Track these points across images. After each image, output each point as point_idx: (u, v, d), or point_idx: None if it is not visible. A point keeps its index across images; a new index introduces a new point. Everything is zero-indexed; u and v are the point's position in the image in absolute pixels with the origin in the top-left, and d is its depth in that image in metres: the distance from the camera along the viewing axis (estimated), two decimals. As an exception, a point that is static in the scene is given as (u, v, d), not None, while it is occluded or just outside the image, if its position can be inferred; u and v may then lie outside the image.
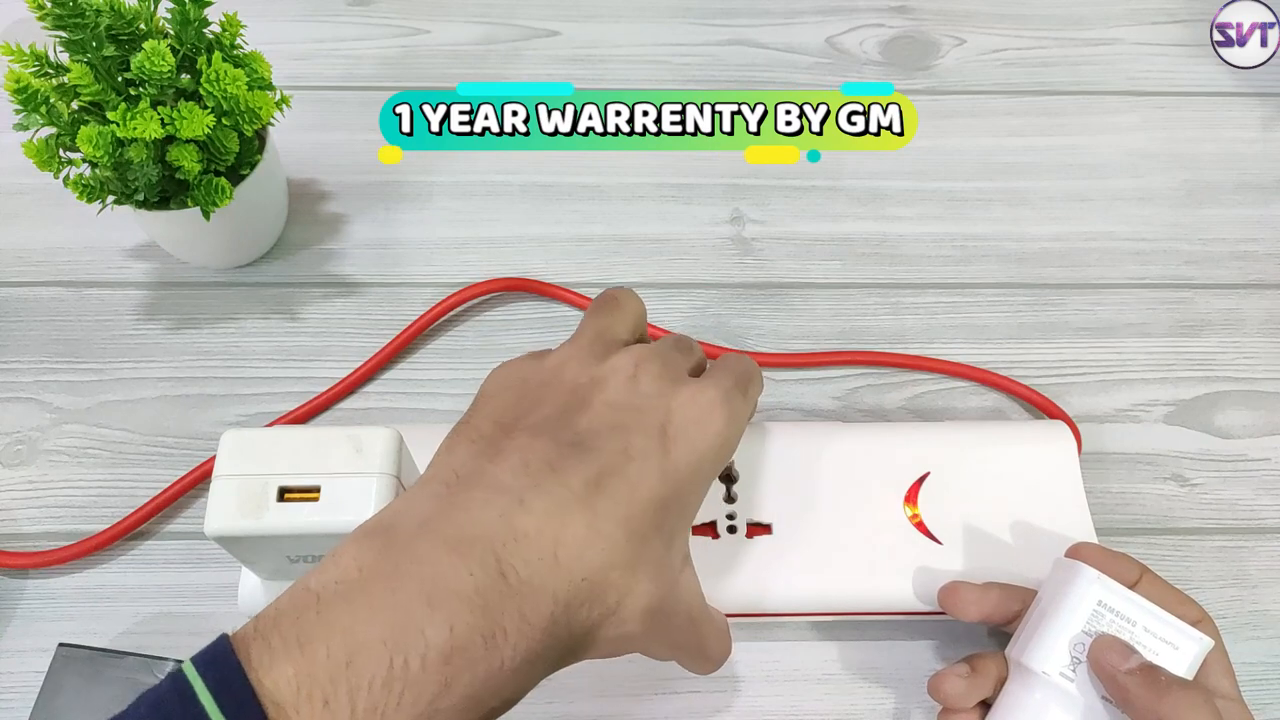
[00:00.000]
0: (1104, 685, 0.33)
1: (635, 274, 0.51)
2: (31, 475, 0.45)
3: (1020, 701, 0.35)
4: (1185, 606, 0.36)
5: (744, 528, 0.40)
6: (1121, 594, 0.34)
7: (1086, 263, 0.52)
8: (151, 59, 0.39)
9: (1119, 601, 0.34)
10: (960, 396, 0.48)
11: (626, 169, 0.55)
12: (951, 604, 0.38)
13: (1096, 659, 0.33)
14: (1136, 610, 0.34)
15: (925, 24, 0.62)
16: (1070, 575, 0.35)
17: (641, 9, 0.61)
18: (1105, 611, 0.34)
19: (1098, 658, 0.33)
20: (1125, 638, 0.34)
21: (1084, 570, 0.35)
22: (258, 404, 0.47)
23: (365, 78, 0.58)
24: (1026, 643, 0.35)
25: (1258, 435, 0.47)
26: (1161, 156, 0.56)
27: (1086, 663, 0.34)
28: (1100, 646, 0.33)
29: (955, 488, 0.41)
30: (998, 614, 0.38)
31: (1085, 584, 0.35)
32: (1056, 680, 0.34)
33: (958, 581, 0.38)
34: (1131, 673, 0.32)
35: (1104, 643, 0.33)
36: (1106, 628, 0.34)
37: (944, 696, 0.36)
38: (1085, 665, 0.34)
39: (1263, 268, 0.53)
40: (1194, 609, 0.36)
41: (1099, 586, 0.34)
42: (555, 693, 0.40)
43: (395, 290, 0.50)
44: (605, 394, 0.29)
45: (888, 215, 0.54)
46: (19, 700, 0.39)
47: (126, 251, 0.51)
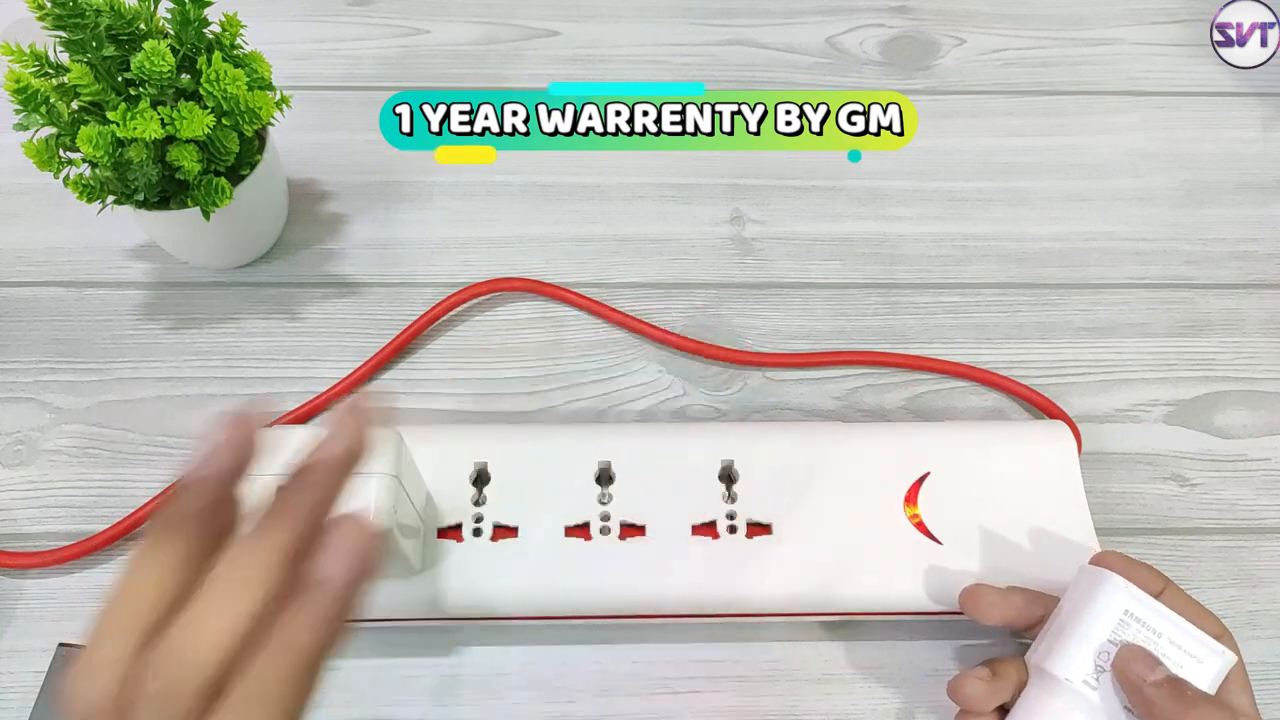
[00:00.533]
0: (1128, 696, 0.33)
1: (635, 274, 0.51)
2: (31, 475, 0.45)
3: (1042, 707, 0.35)
4: (1206, 620, 0.36)
5: (744, 527, 0.40)
6: (1148, 604, 0.34)
7: (1086, 263, 0.52)
8: (151, 59, 0.39)
9: (1145, 611, 0.34)
10: (960, 396, 0.48)
11: (626, 169, 0.55)
12: (973, 606, 0.38)
13: (1122, 668, 0.33)
14: (1162, 621, 0.34)
15: (925, 24, 0.62)
16: (1097, 582, 0.35)
17: (641, 9, 0.61)
18: (1131, 621, 0.34)
19: (1123, 667, 0.33)
20: (1150, 648, 0.33)
21: (1112, 578, 0.35)
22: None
23: (365, 78, 0.58)
24: (1050, 648, 0.35)
25: (1258, 435, 0.47)
26: (1161, 156, 0.56)
27: (1110, 671, 0.34)
28: (1126, 656, 0.33)
29: (955, 488, 0.41)
30: (1021, 619, 0.37)
31: (1112, 591, 0.34)
32: (1079, 687, 0.34)
33: (980, 584, 0.38)
34: (1158, 684, 0.32)
35: (1130, 652, 0.33)
36: (1132, 637, 0.34)
37: (964, 698, 0.36)
38: (1109, 674, 0.34)
39: (1263, 268, 0.53)
40: (1215, 623, 0.36)
41: (1126, 595, 0.34)
42: (555, 692, 0.40)
43: (395, 290, 0.50)
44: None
45: (888, 215, 0.54)
46: (19, 700, 0.39)
47: (126, 251, 0.51)
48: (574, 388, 0.48)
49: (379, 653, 0.40)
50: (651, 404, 0.47)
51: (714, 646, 0.41)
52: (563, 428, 0.46)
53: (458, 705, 0.40)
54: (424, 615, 0.39)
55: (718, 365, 0.49)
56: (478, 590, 0.39)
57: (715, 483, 0.41)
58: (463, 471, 0.41)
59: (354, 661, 0.40)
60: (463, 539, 0.40)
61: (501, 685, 0.40)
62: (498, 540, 0.40)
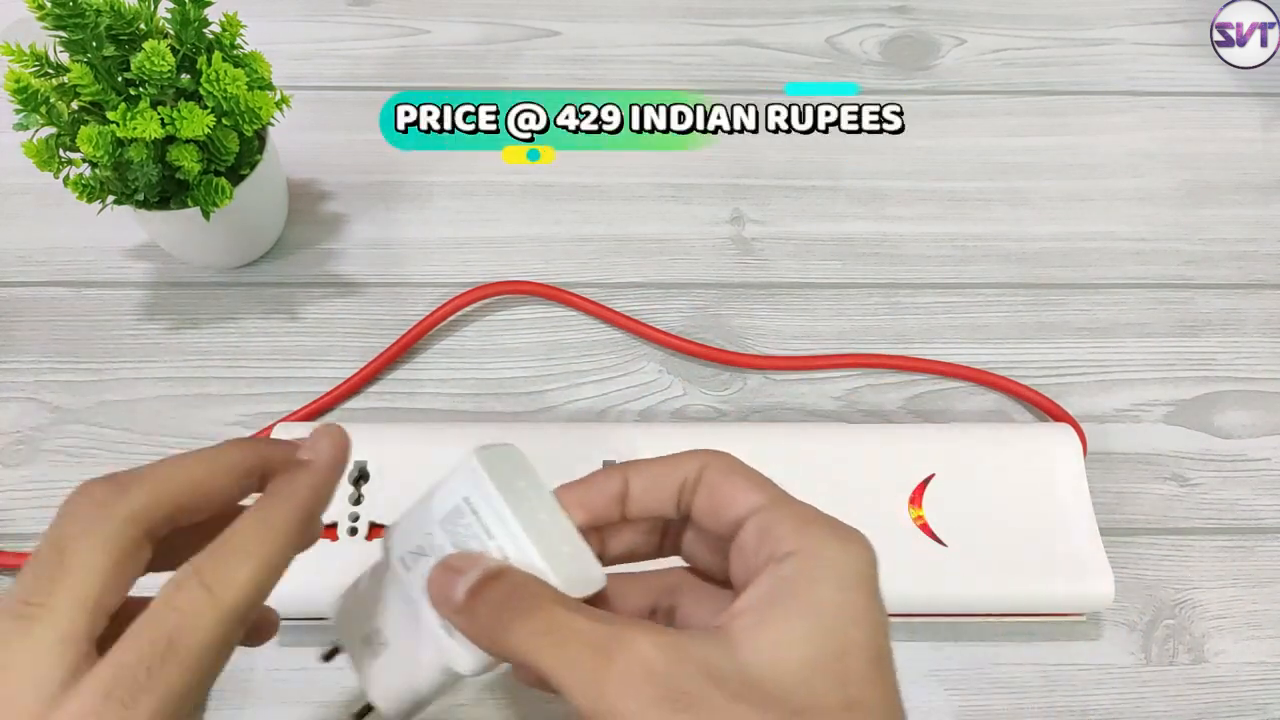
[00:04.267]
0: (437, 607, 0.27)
1: (635, 274, 0.51)
2: (31, 475, 0.45)
3: (362, 573, 0.30)
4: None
5: (745, 528, 0.40)
6: (494, 501, 0.27)
7: (1086, 263, 0.52)
8: (151, 59, 0.39)
9: (486, 508, 0.27)
10: (961, 397, 0.48)
11: (626, 169, 0.55)
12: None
13: (432, 588, 0.27)
14: (500, 525, 0.27)
15: (925, 24, 0.62)
16: (459, 464, 0.28)
17: (641, 9, 0.61)
18: (468, 512, 0.27)
19: (431, 587, 0.27)
20: (477, 548, 0.27)
21: (468, 462, 0.28)
22: (258, 404, 0.47)
23: (365, 78, 0.58)
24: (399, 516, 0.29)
25: (1258, 435, 0.47)
26: (1161, 156, 0.56)
27: (425, 563, 0.27)
28: (434, 575, 0.27)
29: (960, 490, 0.41)
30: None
31: (463, 475, 0.28)
32: (394, 563, 0.28)
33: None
34: (458, 610, 0.26)
35: (439, 571, 0.27)
36: (464, 531, 0.27)
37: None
38: (425, 564, 0.27)
39: (1263, 268, 0.53)
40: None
41: (472, 483, 0.27)
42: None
43: (395, 290, 0.50)
44: None
45: (888, 215, 0.54)
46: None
47: (126, 251, 0.51)
48: (574, 388, 0.48)
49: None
50: (651, 404, 0.47)
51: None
52: (565, 426, 0.46)
53: (458, 704, 0.40)
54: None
55: (717, 365, 0.49)
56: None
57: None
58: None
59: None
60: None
61: (501, 685, 0.40)
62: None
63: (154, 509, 0.24)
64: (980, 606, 0.40)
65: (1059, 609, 0.41)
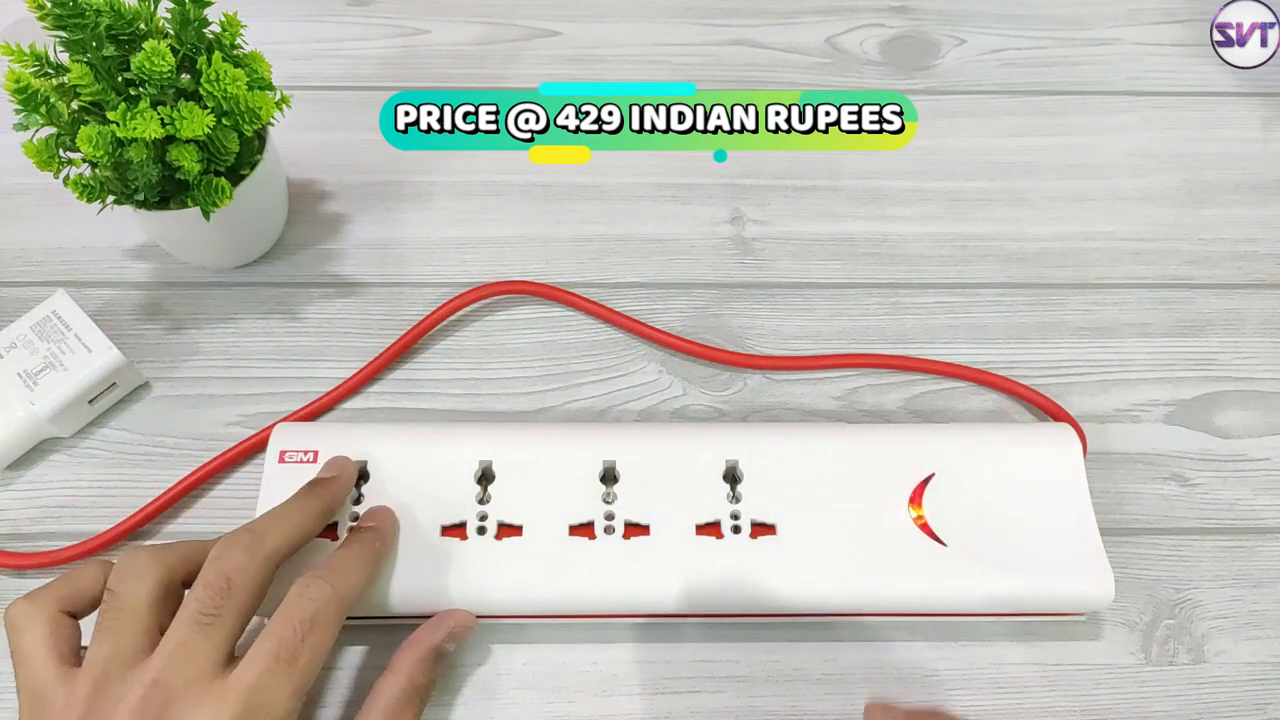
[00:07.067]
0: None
1: (635, 274, 0.51)
2: (31, 475, 0.45)
3: None
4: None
5: (748, 528, 0.40)
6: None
7: (1086, 263, 0.52)
8: (151, 59, 0.39)
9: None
10: (961, 397, 0.48)
11: (626, 169, 0.55)
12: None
13: None
14: None
15: (925, 24, 0.62)
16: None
17: (641, 9, 0.61)
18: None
19: None
20: None
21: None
22: (258, 404, 0.47)
23: (365, 78, 0.58)
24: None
25: (1258, 435, 0.47)
26: (1161, 156, 0.56)
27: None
28: None
29: (960, 490, 0.41)
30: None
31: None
32: None
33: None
34: None
35: None
36: None
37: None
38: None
39: (1263, 268, 0.53)
40: None
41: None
42: (556, 692, 0.40)
43: (396, 290, 0.50)
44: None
45: (888, 215, 0.54)
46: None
47: (126, 251, 0.51)
48: (574, 388, 0.48)
49: (381, 652, 0.40)
50: (651, 404, 0.47)
51: (714, 646, 0.41)
52: (566, 426, 0.46)
53: (457, 705, 0.40)
54: (429, 612, 0.39)
55: (717, 365, 0.49)
56: (483, 588, 0.39)
57: (720, 483, 0.41)
58: (466, 470, 0.41)
59: (354, 660, 0.40)
60: (467, 537, 0.40)
61: (501, 685, 0.40)
62: (502, 539, 0.40)
63: (285, 551, 0.35)
64: (980, 606, 0.40)
65: (1059, 609, 0.41)
